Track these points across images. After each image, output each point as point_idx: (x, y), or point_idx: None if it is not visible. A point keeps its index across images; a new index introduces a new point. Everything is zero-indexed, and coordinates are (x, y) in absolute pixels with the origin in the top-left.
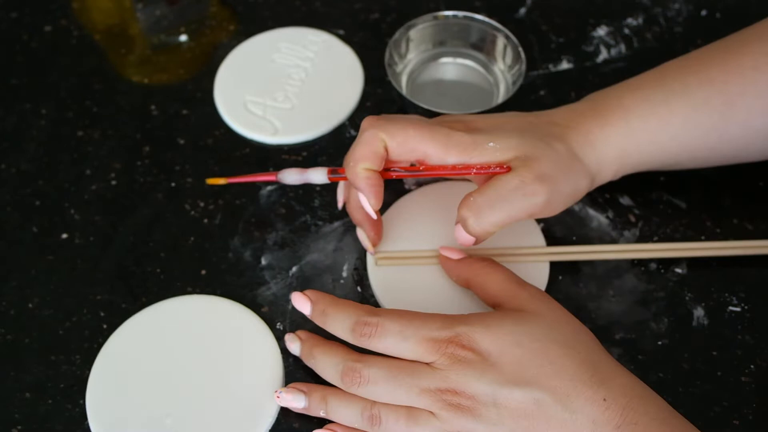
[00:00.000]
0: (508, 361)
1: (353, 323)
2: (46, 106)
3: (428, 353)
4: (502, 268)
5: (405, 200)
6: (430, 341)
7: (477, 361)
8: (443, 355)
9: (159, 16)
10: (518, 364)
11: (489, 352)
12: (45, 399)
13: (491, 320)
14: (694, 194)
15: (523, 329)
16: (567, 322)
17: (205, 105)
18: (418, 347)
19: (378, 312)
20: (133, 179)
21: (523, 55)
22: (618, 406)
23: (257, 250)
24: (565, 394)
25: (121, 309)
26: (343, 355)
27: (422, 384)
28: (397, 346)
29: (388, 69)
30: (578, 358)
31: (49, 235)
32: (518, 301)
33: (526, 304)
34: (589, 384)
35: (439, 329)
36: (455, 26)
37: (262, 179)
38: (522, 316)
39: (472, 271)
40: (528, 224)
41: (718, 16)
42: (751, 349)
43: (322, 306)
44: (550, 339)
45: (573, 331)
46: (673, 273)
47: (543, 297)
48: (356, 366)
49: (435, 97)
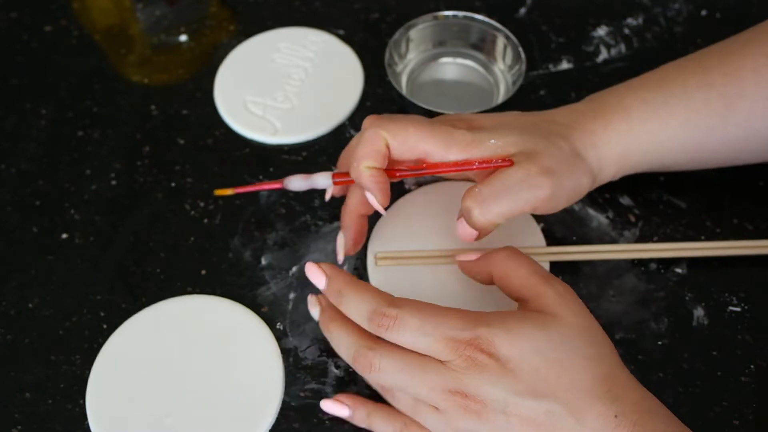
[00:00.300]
0: (525, 370)
1: (371, 312)
2: (46, 106)
3: (446, 352)
4: (527, 259)
5: (405, 200)
6: (449, 341)
7: (494, 368)
8: (461, 356)
9: (159, 16)
10: (536, 374)
11: (508, 359)
12: (45, 399)
13: (513, 323)
14: (694, 194)
15: (545, 335)
16: (590, 329)
17: (205, 105)
18: (436, 345)
19: (397, 303)
20: (133, 179)
21: (523, 55)
22: (629, 422)
23: (257, 250)
24: (577, 408)
25: (121, 309)
26: (358, 337)
27: (433, 382)
28: (415, 341)
29: (388, 69)
30: (596, 372)
31: (49, 235)
32: (543, 301)
33: (551, 305)
34: (602, 400)
35: (459, 329)
36: (455, 26)
37: (268, 188)
38: (545, 321)
39: (493, 263)
40: (528, 224)
41: (718, 16)
42: (751, 349)
43: (339, 285)
44: (570, 348)
45: (595, 341)
46: (673, 273)
47: (569, 297)
48: (368, 354)
49: (435, 97)
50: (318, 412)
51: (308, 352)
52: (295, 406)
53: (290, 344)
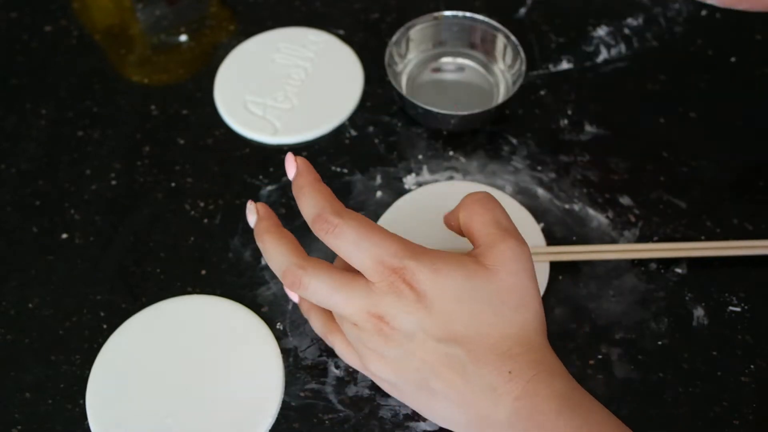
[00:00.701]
0: (439, 310)
1: (317, 214)
2: (46, 106)
3: (373, 273)
4: (496, 208)
5: (405, 200)
6: (378, 263)
7: (411, 299)
8: (385, 281)
9: (159, 16)
10: (447, 317)
11: (425, 295)
12: (45, 399)
13: (443, 265)
14: (694, 194)
15: (470, 286)
16: (518, 291)
17: (205, 105)
18: (366, 263)
19: (342, 213)
20: (133, 179)
21: (523, 55)
22: (522, 379)
23: (257, 250)
24: (476, 358)
25: (121, 309)
26: (289, 253)
27: (356, 302)
28: (349, 254)
29: (388, 69)
30: (504, 331)
31: (49, 235)
32: (489, 252)
33: (492, 259)
34: (501, 356)
35: (390, 255)
36: (455, 26)
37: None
38: (475, 272)
39: (463, 203)
40: (528, 224)
41: (718, 16)
42: (751, 349)
43: (304, 181)
44: (490, 304)
45: (519, 305)
46: (673, 273)
47: (513, 257)
48: (298, 272)
49: (435, 97)
50: (318, 412)
51: (308, 352)
52: (295, 406)
53: (290, 344)
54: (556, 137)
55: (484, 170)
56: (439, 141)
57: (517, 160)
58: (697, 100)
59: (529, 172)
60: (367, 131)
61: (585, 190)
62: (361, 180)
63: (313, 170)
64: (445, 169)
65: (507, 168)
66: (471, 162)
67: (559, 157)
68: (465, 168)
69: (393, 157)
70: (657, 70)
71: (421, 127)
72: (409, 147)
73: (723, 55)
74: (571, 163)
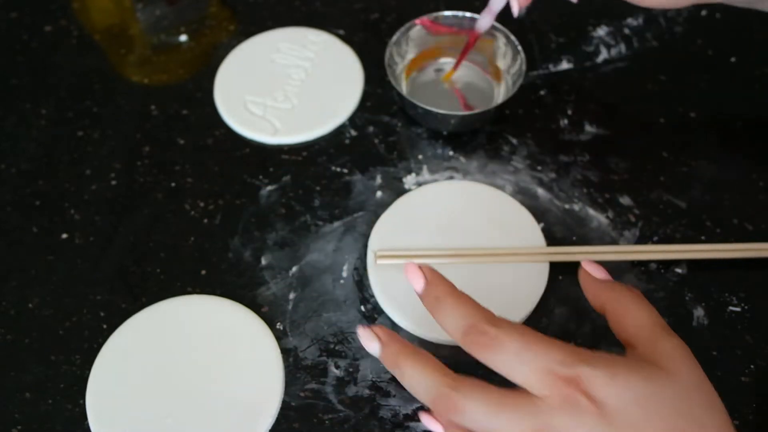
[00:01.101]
0: (622, 422)
1: (468, 326)
2: (46, 106)
3: (541, 386)
4: (648, 305)
5: (405, 200)
6: (547, 374)
7: (591, 412)
8: (556, 394)
9: (159, 16)
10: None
11: (606, 405)
12: (45, 399)
13: (619, 369)
14: (694, 194)
15: (652, 390)
16: (702, 389)
17: (205, 105)
18: (532, 376)
19: (498, 323)
20: (133, 179)
21: (523, 55)
22: None
23: (257, 250)
24: None
25: (121, 309)
26: (435, 376)
27: (524, 424)
28: (510, 368)
29: (388, 69)
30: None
31: (49, 235)
32: (656, 352)
33: (665, 358)
34: None
35: (560, 363)
36: (455, 26)
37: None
38: (655, 374)
39: (613, 296)
40: (528, 224)
41: (717, 16)
42: (751, 349)
43: (438, 292)
44: (677, 409)
45: (706, 403)
46: (673, 273)
47: (685, 354)
48: (452, 395)
49: (435, 97)
50: (318, 412)
51: (308, 352)
52: (295, 406)
53: (290, 344)
54: (556, 137)
55: (484, 170)
56: (439, 141)
57: (517, 160)
58: (697, 100)
59: (529, 172)
60: (367, 131)
61: (585, 190)
62: (361, 180)
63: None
64: (445, 169)
65: (507, 168)
66: (471, 162)
67: (559, 157)
68: (465, 168)
69: (393, 157)
70: (657, 70)
71: (421, 127)
72: (409, 147)
73: (723, 55)
74: (571, 163)
